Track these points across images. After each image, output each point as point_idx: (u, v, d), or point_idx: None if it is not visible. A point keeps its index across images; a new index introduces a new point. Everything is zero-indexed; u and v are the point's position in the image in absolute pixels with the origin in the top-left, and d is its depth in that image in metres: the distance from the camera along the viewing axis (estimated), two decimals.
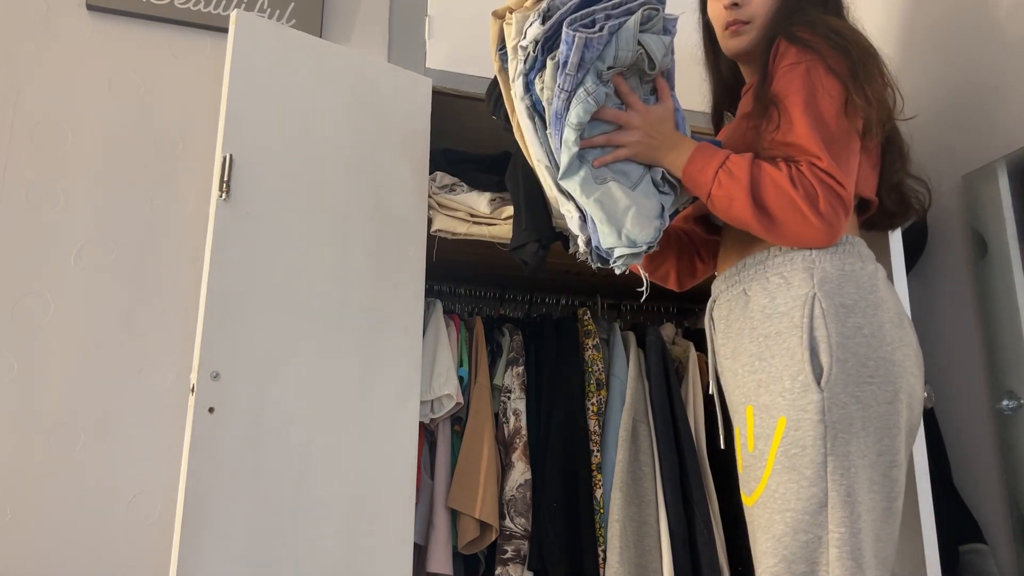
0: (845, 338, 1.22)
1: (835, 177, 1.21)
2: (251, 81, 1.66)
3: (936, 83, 2.06)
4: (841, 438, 1.19)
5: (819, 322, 1.23)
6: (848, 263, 1.27)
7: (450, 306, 2.26)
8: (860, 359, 1.21)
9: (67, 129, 1.81)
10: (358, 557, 1.59)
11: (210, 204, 1.58)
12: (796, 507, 1.20)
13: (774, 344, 1.26)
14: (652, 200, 1.29)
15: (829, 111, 1.25)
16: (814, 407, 1.20)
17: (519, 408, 1.97)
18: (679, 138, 1.32)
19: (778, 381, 1.25)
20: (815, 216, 1.21)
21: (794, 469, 1.21)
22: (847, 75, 1.26)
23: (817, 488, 1.19)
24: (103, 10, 1.88)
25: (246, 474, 1.50)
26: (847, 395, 1.20)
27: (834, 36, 1.30)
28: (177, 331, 1.77)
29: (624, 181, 1.28)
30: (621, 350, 2.09)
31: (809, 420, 1.21)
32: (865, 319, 1.23)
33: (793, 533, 1.19)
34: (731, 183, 1.25)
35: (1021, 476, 1.79)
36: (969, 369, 1.95)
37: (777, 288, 1.29)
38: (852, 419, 1.20)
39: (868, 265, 1.29)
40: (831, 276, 1.25)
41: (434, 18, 2.04)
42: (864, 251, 1.30)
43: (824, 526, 1.18)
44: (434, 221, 1.91)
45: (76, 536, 1.63)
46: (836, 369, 1.21)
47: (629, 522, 1.85)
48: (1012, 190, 1.87)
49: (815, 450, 1.20)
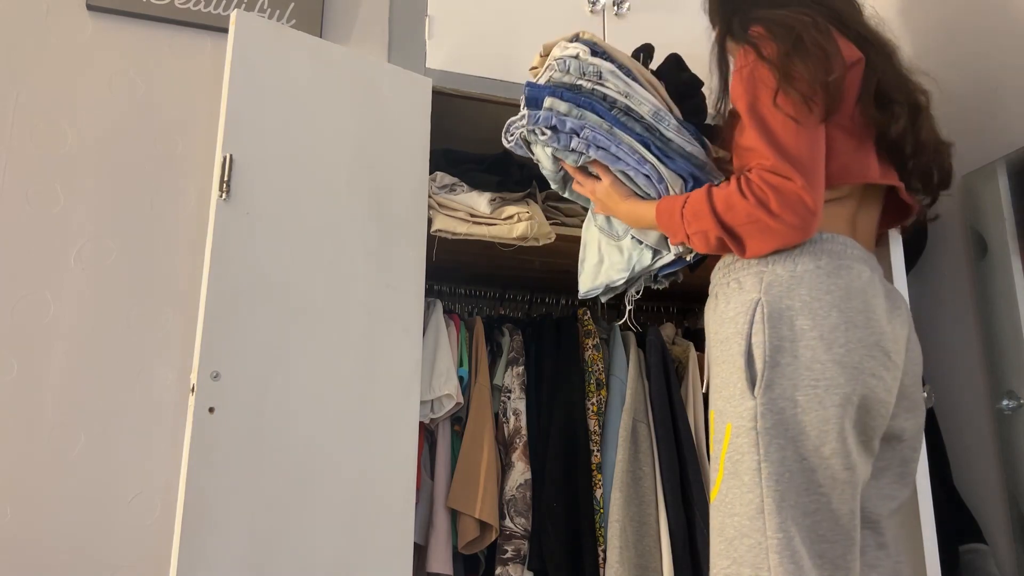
0: (788, 342, 1.21)
1: (780, 173, 1.20)
2: (251, 81, 1.66)
3: (936, 83, 2.06)
4: (775, 444, 1.20)
5: (757, 327, 1.23)
6: (803, 264, 1.24)
7: (450, 306, 2.26)
8: (805, 363, 1.21)
9: (67, 129, 1.81)
10: (358, 557, 1.59)
11: (210, 204, 1.58)
12: (740, 512, 1.21)
13: (724, 350, 1.27)
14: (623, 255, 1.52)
15: (767, 104, 1.24)
16: (748, 414, 1.22)
17: (519, 408, 1.97)
18: (637, 202, 1.41)
19: (726, 387, 1.26)
20: (771, 219, 1.20)
21: (736, 475, 1.23)
22: (778, 59, 1.25)
23: (753, 494, 1.20)
24: (103, 10, 1.88)
25: (246, 474, 1.50)
26: (785, 400, 1.20)
27: (771, 23, 1.30)
28: (177, 331, 1.77)
29: (610, 235, 1.55)
30: (621, 350, 2.09)
31: (744, 427, 1.22)
32: (815, 321, 1.21)
33: (740, 537, 1.21)
34: (696, 219, 1.28)
35: (1021, 476, 1.79)
36: (969, 369, 1.95)
37: (732, 292, 1.29)
38: (788, 424, 1.20)
39: (828, 263, 1.25)
40: (780, 279, 1.24)
41: (434, 18, 2.04)
42: (834, 248, 1.27)
43: (763, 531, 1.18)
44: (434, 221, 1.91)
45: (76, 536, 1.63)
46: (771, 375, 1.21)
47: (629, 522, 1.85)
48: (1012, 190, 1.87)
49: (750, 457, 1.21)
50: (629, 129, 1.42)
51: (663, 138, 1.42)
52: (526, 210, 1.96)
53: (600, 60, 1.41)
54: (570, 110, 1.41)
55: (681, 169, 1.40)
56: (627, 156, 1.40)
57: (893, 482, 1.37)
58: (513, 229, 1.93)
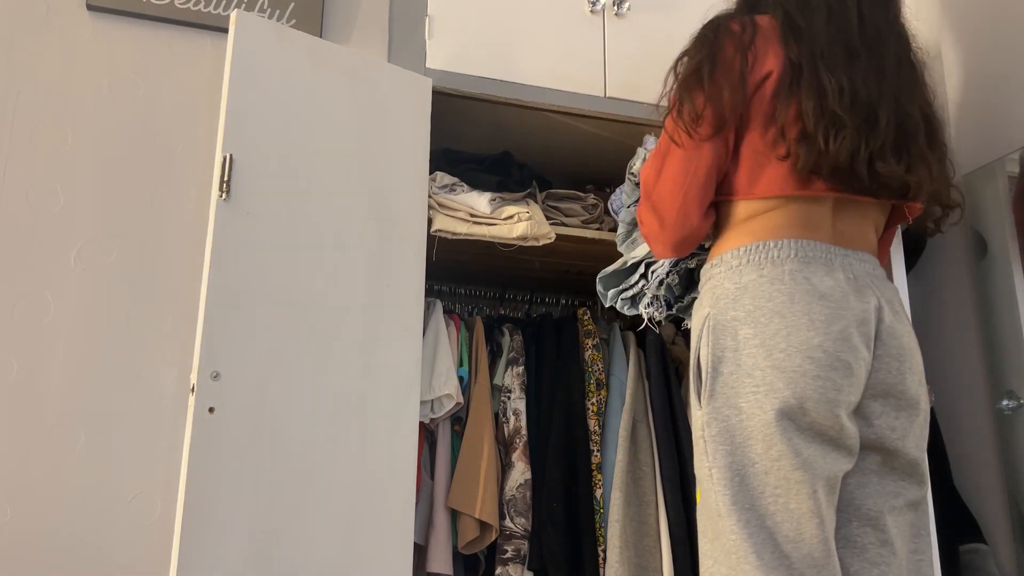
0: (732, 351, 1.26)
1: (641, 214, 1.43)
2: (251, 81, 1.66)
3: (936, 84, 2.06)
4: (722, 450, 1.25)
5: (705, 339, 1.29)
6: (747, 275, 1.29)
7: (450, 306, 2.26)
8: (746, 370, 1.24)
9: (67, 129, 1.81)
10: (358, 557, 1.59)
11: (210, 204, 1.58)
12: (711, 514, 1.26)
13: (691, 362, 1.34)
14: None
15: (664, 134, 1.39)
16: (698, 423, 1.29)
17: (519, 408, 1.97)
18: None
19: (691, 397, 1.33)
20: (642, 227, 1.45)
21: (701, 480, 1.29)
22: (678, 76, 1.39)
23: (712, 498, 1.25)
24: (103, 10, 1.87)
25: (246, 474, 1.50)
26: (729, 407, 1.25)
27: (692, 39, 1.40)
28: (177, 331, 1.76)
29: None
30: (621, 350, 2.09)
31: (697, 436, 1.29)
32: (757, 329, 1.25)
33: (715, 539, 1.26)
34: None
35: (1021, 476, 1.79)
36: (969, 369, 1.95)
37: (696, 308, 1.38)
38: (734, 431, 1.24)
39: (772, 271, 1.27)
40: (726, 292, 1.30)
41: (434, 18, 2.04)
42: (778, 254, 1.28)
43: (726, 533, 1.23)
44: (434, 221, 1.91)
45: (76, 536, 1.63)
46: (712, 384, 1.27)
47: (629, 522, 1.85)
48: (1012, 190, 1.87)
49: (703, 463, 1.28)
50: None
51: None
52: (526, 210, 1.96)
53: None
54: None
55: None
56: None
57: (900, 480, 1.35)
58: (513, 229, 1.93)
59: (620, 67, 2.10)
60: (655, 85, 1.75)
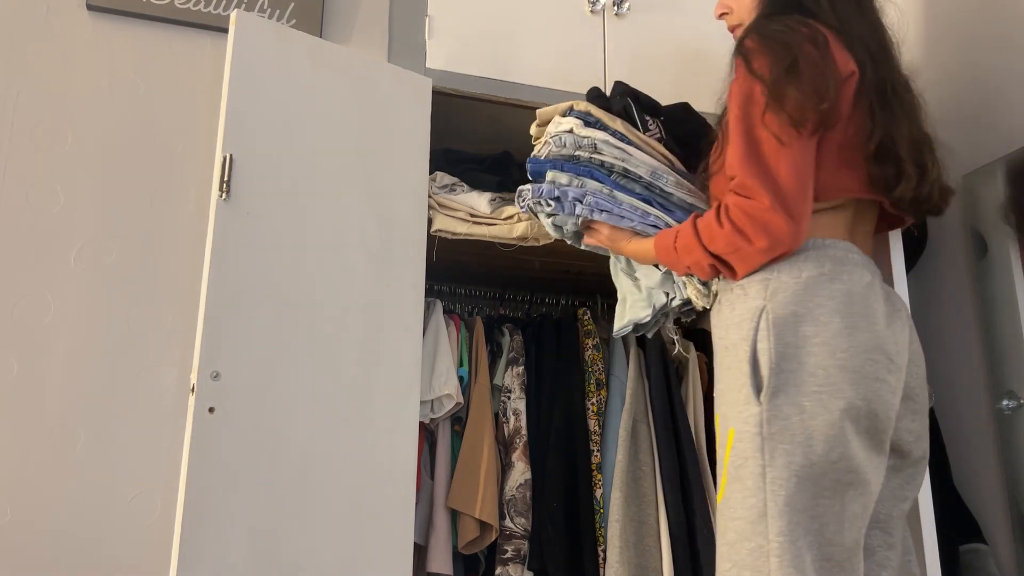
0: (793, 348, 1.22)
1: (744, 193, 1.23)
2: (251, 81, 1.66)
3: (936, 83, 2.06)
4: (781, 449, 1.21)
5: (763, 335, 1.24)
6: (807, 271, 1.26)
7: (450, 306, 2.26)
8: (809, 369, 1.22)
9: (67, 129, 1.81)
10: (358, 557, 1.59)
11: (210, 204, 1.58)
12: (742, 516, 1.22)
13: (729, 356, 1.29)
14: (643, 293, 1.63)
15: (755, 120, 1.26)
16: (754, 419, 1.23)
17: (519, 408, 1.97)
18: (640, 241, 1.48)
19: (730, 392, 1.27)
20: (747, 244, 1.24)
21: (739, 479, 1.24)
22: (769, 75, 1.26)
23: (756, 499, 1.21)
24: (103, 10, 1.87)
25: (246, 474, 1.50)
26: (790, 406, 1.21)
27: (767, 39, 1.30)
28: (177, 331, 1.76)
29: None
30: (621, 350, 2.09)
31: (749, 433, 1.23)
32: (818, 328, 1.23)
33: (742, 541, 1.22)
34: (688, 252, 1.32)
35: (1021, 476, 1.79)
36: (969, 369, 1.95)
37: (737, 299, 1.31)
38: (794, 431, 1.21)
39: (832, 269, 1.27)
40: (785, 286, 1.26)
41: (434, 18, 2.04)
42: (836, 253, 1.28)
43: (765, 535, 1.19)
44: (434, 221, 1.91)
45: (76, 536, 1.63)
46: (776, 382, 1.22)
47: (629, 522, 1.85)
48: (1012, 190, 1.87)
49: (754, 462, 1.22)
50: (629, 190, 1.52)
51: (664, 193, 1.52)
52: None
53: (593, 131, 1.52)
54: (571, 180, 1.52)
55: (684, 219, 1.46)
56: (630, 214, 1.50)
57: (905, 483, 1.37)
58: (513, 229, 1.93)
59: (620, 67, 2.10)
60: (655, 85, 1.75)
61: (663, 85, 1.91)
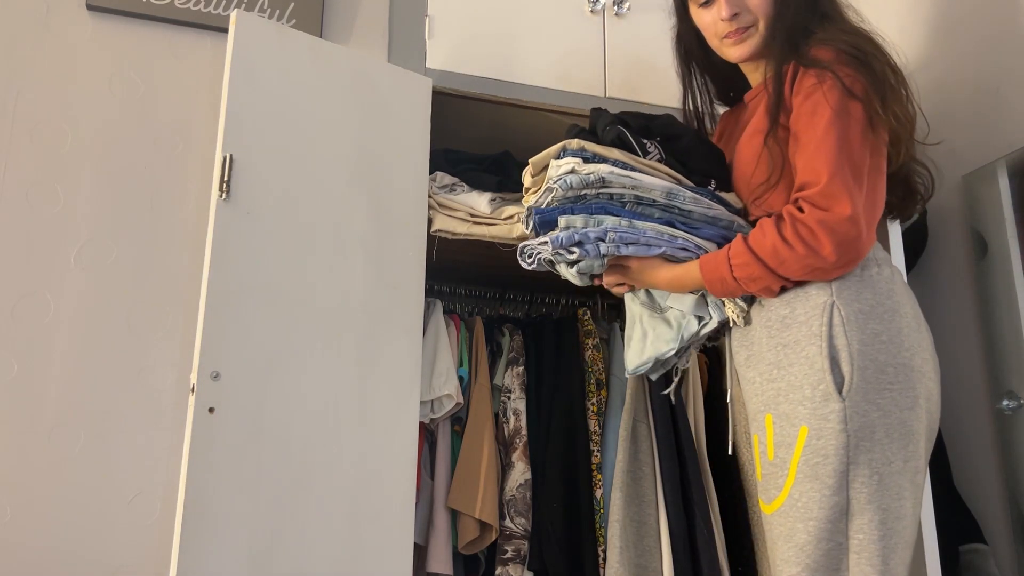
0: (864, 345, 1.22)
1: (820, 204, 1.20)
2: (251, 81, 1.66)
3: (936, 83, 2.06)
4: (863, 446, 1.20)
5: (839, 330, 1.23)
6: (866, 269, 1.27)
7: (450, 306, 2.26)
8: (879, 366, 1.22)
9: (67, 129, 1.81)
10: (358, 557, 1.59)
11: (210, 204, 1.58)
12: (819, 516, 1.20)
13: (792, 353, 1.27)
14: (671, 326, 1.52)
15: (853, 135, 1.24)
16: (836, 416, 1.21)
17: (519, 408, 1.97)
18: (673, 267, 1.40)
19: (798, 390, 1.25)
20: (824, 262, 1.22)
21: (816, 478, 1.21)
22: (866, 93, 1.25)
23: (839, 497, 1.20)
24: (103, 10, 1.87)
25: (246, 474, 1.50)
26: (868, 403, 1.21)
27: (852, 51, 1.28)
28: (177, 331, 1.76)
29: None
30: (621, 350, 2.08)
31: (831, 429, 1.21)
32: (883, 325, 1.23)
33: (816, 542, 1.20)
34: (754, 281, 1.28)
35: (1021, 476, 1.79)
36: (969, 369, 1.95)
37: (795, 297, 1.29)
38: (874, 427, 1.20)
39: (885, 269, 1.28)
40: (849, 283, 1.25)
41: (434, 18, 2.04)
42: (880, 255, 1.31)
43: (845, 533, 1.19)
44: (434, 221, 1.91)
45: (76, 536, 1.63)
46: (857, 378, 1.21)
47: (629, 522, 1.85)
48: (1012, 190, 1.87)
49: (837, 459, 1.20)
50: (647, 216, 1.44)
51: (683, 211, 1.44)
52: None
53: (596, 165, 1.43)
54: (586, 221, 1.43)
55: (710, 236, 1.43)
56: (657, 240, 1.43)
57: None
58: (513, 229, 1.93)
59: (620, 67, 2.10)
60: (655, 85, 1.76)
61: (663, 85, 1.91)
